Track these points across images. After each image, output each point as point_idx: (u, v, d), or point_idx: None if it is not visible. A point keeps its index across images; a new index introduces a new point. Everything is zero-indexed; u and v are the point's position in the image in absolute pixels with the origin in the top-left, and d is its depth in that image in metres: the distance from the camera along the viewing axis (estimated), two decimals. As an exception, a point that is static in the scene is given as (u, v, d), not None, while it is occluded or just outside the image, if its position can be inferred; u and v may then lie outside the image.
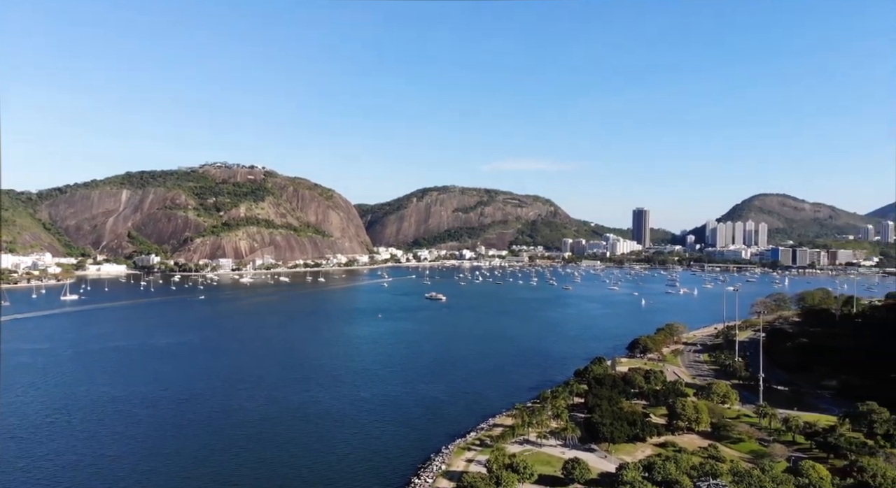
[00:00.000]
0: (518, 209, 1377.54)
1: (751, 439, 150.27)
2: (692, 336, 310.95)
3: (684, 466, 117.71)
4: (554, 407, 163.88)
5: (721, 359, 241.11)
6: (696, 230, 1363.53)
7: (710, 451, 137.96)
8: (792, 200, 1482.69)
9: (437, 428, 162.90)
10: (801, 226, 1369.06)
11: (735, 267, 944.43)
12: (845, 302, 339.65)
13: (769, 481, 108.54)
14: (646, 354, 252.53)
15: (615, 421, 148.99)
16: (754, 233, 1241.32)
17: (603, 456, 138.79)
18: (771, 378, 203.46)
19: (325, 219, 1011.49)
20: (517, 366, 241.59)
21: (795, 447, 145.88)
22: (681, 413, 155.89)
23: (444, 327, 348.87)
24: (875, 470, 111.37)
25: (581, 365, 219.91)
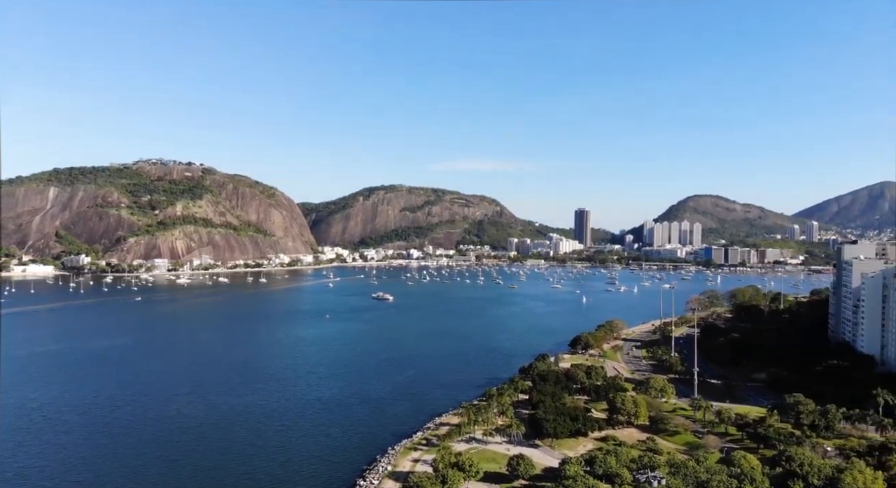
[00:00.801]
0: (465, 209, 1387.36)
1: (686, 431, 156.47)
2: (631, 332, 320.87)
3: (624, 459, 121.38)
4: (499, 405, 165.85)
5: (658, 354, 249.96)
6: (634, 230, 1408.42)
7: (648, 444, 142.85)
8: (724, 201, 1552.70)
9: (383, 428, 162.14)
10: (733, 226, 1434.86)
11: (671, 265, 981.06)
12: (773, 298, 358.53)
13: (703, 472, 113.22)
14: (587, 350, 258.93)
15: (558, 417, 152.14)
16: (689, 232, 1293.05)
17: (547, 452, 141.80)
18: (705, 372, 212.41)
19: (266, 217, 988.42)
20: (464, 365, 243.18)
21: (728, 438, 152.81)
22: (621, 407, 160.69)
23: (392, 327, 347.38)
24: (802, 459, 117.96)
25: (526, 362, 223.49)
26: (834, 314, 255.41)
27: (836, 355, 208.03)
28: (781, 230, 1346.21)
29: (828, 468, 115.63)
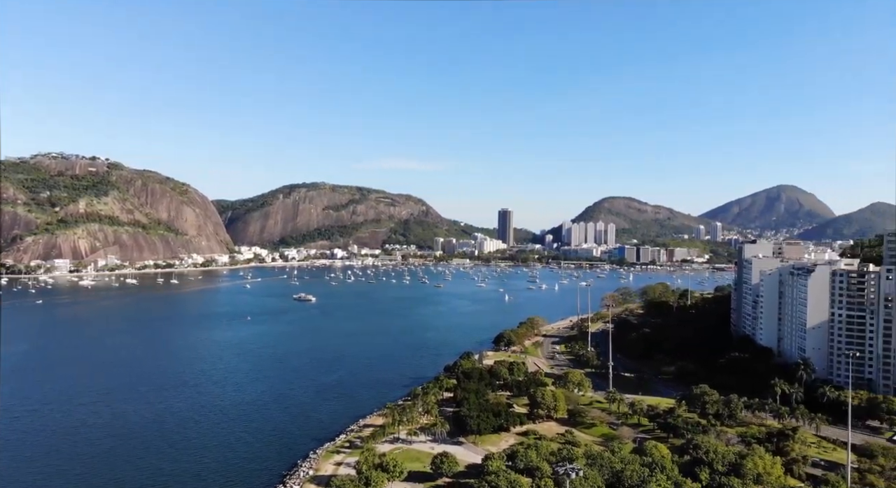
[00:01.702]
0: (391, 208, 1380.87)
1: (602, 423, 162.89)
2: (551, 328, 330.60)
3: (544, 453, 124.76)
4: (424, 404, 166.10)
5: (576, 349, 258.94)
6: (554, 230, 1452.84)
7: (567, 437, 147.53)
8: (636, 203, 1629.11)
9: (305, 433, 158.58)
10: (644, 227, 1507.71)
11: (588, 264, 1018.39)
12: (681, 295, 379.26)
13: (618, 462, 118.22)
14: (510, 347, 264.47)
15: (482, 414, 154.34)
16: (604, 232, 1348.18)
17: (471, 449, 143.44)
18: (619, 365, 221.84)
19: (178, 215, 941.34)
20: (390, 365, 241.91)
21: (641, 428, 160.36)
22: (541, 402, 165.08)
23: (315, 329, 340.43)
24: (707, 447, 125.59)
25: (451, 360, 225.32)
26: (736, 309, 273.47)
27: (738, 348, 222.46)
28: (688, 230, 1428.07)
29: (731, 455, 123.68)
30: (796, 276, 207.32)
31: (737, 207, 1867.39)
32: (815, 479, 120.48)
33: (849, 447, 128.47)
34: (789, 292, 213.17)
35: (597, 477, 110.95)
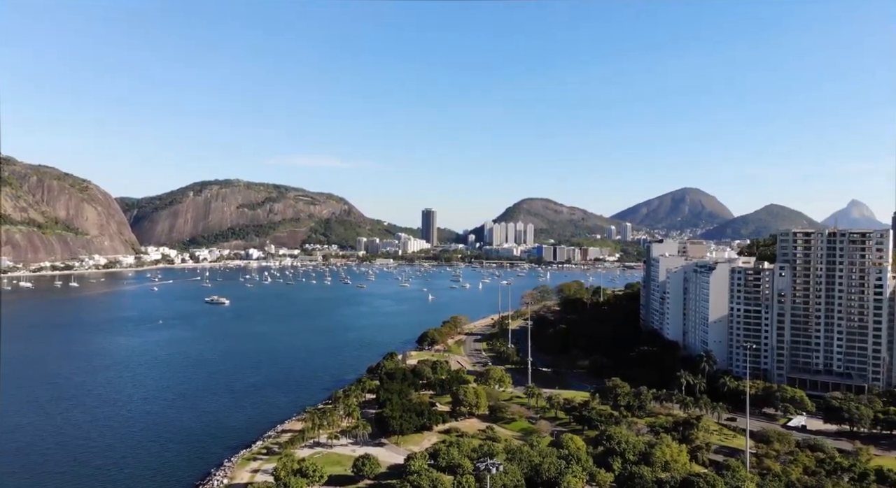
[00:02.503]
0: (311, 206, 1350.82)
1: (522, 418, 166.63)
2: (473, 326, 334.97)
3: (466, 450, 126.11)
4: (346, 406, 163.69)
5: (497, 346, 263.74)
6: (476, 230, 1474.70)
7: (487, 433, 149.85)
8: (553, 204, 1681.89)
9: (220, 440, 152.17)
10: (560, 227, 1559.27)
11: (508, 263, 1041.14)
12: (595, 292, 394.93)
13: (536, 455, 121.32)
14: (433, 346, 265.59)
15: (405, 414, 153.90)
16: (523, 232, 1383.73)
17: (393, 449, 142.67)
18: (538, 361, 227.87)
19: (78, 214, 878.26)
20: (310, 369, 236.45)
21: (558, 422, 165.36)
22: (463, 399, 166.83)
23: (229, 333, 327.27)
24: (619, 438, 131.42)
25: (374, 361, 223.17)
26: (644, 305, 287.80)
27: (647, 342, 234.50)
28: (601, 230, 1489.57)
29: (641, 444, 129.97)
30: (699, 274, 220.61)
31: (645, 209, 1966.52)
32: (717, 465, 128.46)
33: (747, 434, 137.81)
34: (693, 289, 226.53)
35: (516, 472, 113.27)
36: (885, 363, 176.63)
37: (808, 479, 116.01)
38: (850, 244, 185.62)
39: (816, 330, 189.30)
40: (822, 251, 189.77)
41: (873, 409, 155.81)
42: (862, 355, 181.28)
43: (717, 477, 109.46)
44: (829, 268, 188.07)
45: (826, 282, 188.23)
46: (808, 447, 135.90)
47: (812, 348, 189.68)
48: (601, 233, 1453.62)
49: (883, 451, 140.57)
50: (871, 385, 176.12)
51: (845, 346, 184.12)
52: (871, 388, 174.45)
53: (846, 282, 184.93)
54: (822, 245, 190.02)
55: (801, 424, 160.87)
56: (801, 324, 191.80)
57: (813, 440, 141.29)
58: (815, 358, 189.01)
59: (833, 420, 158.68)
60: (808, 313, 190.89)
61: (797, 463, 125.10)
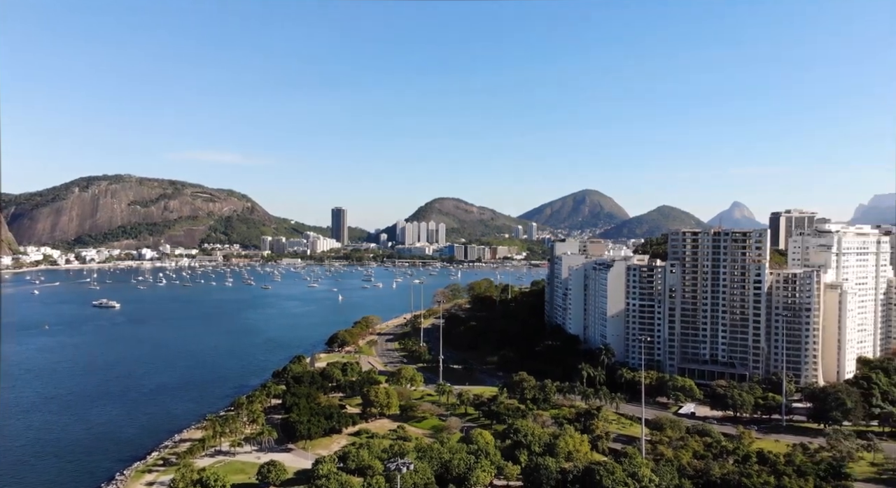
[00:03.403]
0: (210, 204, 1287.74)
1: (433, 416, 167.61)
2: (385, 326, 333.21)
3: (376, 450, 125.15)
4: (250, 413, 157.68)
5: (409, 345, 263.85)
6: (388, 229, 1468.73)
7: (398, 433, 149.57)
8: (464, 204, 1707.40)
9: (111, 453, 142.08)
10: (471, 227, 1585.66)
11: (421, 262, 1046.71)
12: (503, 289, 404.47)
13: (447, 452, 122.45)
14: (343, 347, 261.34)
15: (313, 418, 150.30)
16: (435, 231, 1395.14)
17: (300, 454, 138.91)
18: (449, 358, 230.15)
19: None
20: (212, 375, 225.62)
21: (468, 418, 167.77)
22: (374, 400, 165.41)
23: (120, 338, 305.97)
24: (526, 430, 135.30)
25: (281, 365, 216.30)
26: (549, 301, 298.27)
27: (552, 336, 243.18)
28: (509, 230, 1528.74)
29: (546, 436, 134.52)
30: (598, 271, 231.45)
31: (549, 209, 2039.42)
32: (616, 453, 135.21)
33: (643, 422, 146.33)
34: (593, 285, 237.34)
35: (427, 469, 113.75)
36: (764, 353, 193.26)
37: (697, 463, 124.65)
38: (733, 243, 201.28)
39: (703, 323, 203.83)
40: (708, 249, 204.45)
41: (754, 396, 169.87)
42: (743, 346, 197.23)
43: (615, 465, 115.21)
44: (715, 265, 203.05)
45: (711, 279, 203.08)
46: (697, 432, 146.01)
47: (700, 340, 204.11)
48: (509, 232, 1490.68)
49: (763, 434, 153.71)
50: (751, 373, 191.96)
51: (729, 338, 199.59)
52: (751, 376, 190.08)
53: (729, 278, 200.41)
54: (708, 244, 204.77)
55: (691, 411, 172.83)
56: (689, 318, 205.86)
57: (701, 426, 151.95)
58: (703, 349, 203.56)
59: (719, 406, 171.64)
60: (695, 307, 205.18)
61: (687, 448, 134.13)
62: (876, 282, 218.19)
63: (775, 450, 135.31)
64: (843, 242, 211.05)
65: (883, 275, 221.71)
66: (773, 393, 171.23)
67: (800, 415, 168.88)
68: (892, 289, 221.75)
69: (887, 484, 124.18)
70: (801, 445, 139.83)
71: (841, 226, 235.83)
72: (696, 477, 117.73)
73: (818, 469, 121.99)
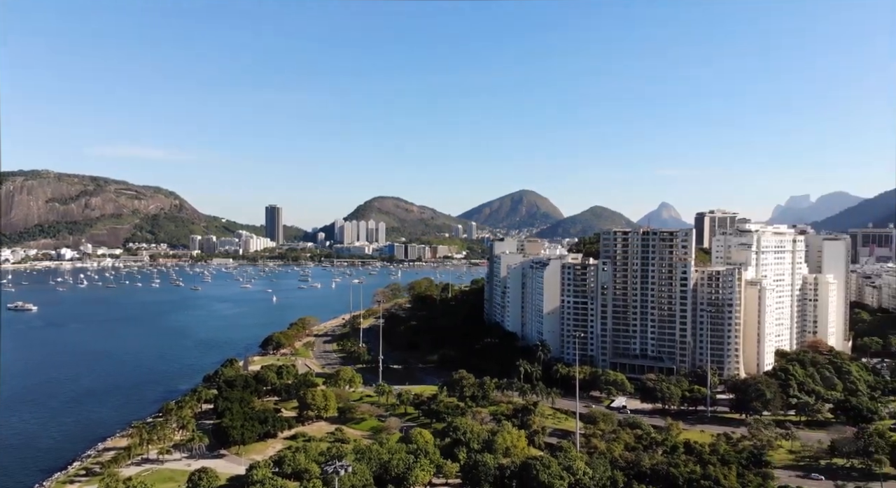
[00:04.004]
0: (136, 201, 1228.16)
1: (371, 417, 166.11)
2: (323, 327, 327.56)
3: (313, 454, 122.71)
4: (179, 419, 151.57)
5: (348, 346, 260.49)
6: (326, 228, 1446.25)
7: (336, 435, 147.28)
8: (404, 203, 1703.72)
9: (29, 464, 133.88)
10: (411, 226, 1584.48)
11: (360, 261, 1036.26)
12: (444, 288, 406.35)
13: (386, 453, 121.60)
14: (279, 350, 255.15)
15: (246, 423, 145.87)
16: (375, 231, 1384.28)
17: (234, 460, 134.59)
18: (389, 358, 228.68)
19: None
20: (138, 380, 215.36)
21: (407, 417, 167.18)
22: (311, 403, 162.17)
23: (37, 343, 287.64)
24: (465, 428, 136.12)
25: (212, 369, 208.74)
26: (488, 299, 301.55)
27: (491, 334, 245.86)
28: (449, 229, 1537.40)
29: (484, 433, 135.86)
30: (535, 270, 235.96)
31: (488, 209, 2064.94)
32: (552, 447, 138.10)
33: (577, 416, 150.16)
34: (530, 283, 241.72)
35: (365, 471, 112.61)
36: (690, 347, 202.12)
37: (629, 455, 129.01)
38: (661, 242, 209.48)
39: (634, 319, 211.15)
40: (637, 248, 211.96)
41: (681, 388, 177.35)
42: (671, 340, 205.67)
43: (551, 459, 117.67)
44: (644, 263, 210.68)
45: (641, 276, 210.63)
46: (629, 425, 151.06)
47: (630, 335, 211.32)
48: (449, 231, 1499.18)
49: (689, 425, 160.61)
50: (679, 367, 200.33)
51: (657, 333, 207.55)
52: (678, 370, 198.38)
53: (657, 276, 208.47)
54: (638, 243, 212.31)
55: (622, 405, 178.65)
56: (620, 314, 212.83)
57: (632, 419, 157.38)
58: (633, 344, 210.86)
59: (649, 399, 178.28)
60: (626, 304, 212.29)
61: (619, 441, 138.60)
62: (792, 279, 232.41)
63: (701, 440, 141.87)
64: (762, 241, 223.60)
65: (798, 271, 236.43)
66: (698, 386, 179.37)
67: (723, 406, 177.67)
68: (808, 285, 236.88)
69: (804, 470, 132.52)
70: (724, 435, 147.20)
71: (760, 226, 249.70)
72: (628, 469, 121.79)
73: (740, 457, 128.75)
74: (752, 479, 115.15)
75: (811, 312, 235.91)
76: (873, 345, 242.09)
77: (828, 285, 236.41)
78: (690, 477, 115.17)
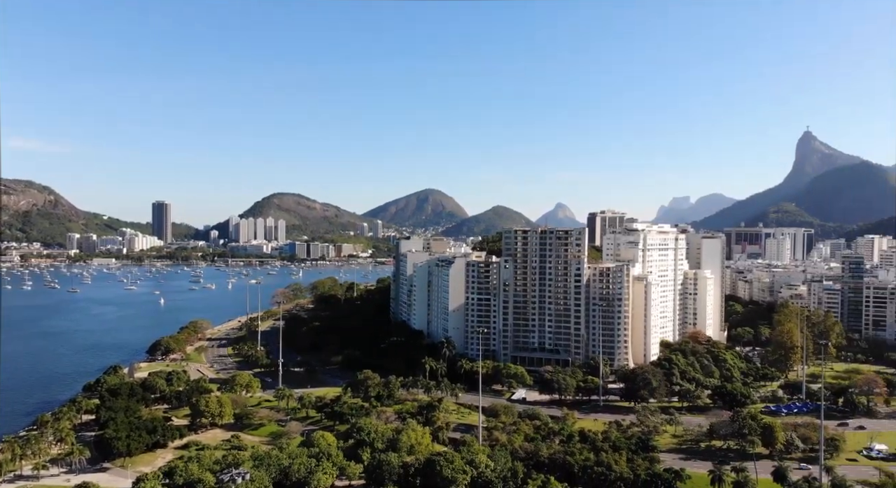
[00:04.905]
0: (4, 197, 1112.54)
1: (271, 422, 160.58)
2: (217, 331, 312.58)
3: (207, 462, 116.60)
4: (57, 431, 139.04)
5: (244, 350, 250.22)
6: (219, 225, 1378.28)
7: (233, 442, 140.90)
8: (306, 200, 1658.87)
9: None
10: (314, 224, 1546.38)
11: (258, 261, 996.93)
12: (348, 288, 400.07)
13: (286, 458, 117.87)
14: (168, 355, 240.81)
15: (132, 433, 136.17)
16: (274, 229, 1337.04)
17: (118, 474, 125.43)
18: (289, 361, 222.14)
19: None
20: (8, 392, 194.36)
21: (309, 421, 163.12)
22: (204, 410, 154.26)
23: None
24: (369, 428, 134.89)
25: (93, 377, 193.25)
26: (394, 298, 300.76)
27: (397, 333, 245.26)
28: (354, 227, 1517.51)
29: (389, 431, 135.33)
30: (441, 267, 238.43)
31: (394, 207, 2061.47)
32: (455, 442, 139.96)
33: (480, 410, 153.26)
34: (436, 281, 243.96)
35: (264, 478, 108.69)
36: (584, 339, 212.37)
37: (528, 445, 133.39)
38: (557, 240, 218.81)
39: (533, 314, 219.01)
40: (536, 246, 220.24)
41: (576, 379, 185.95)
42: (566, 334, 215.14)
43: (455, 454, 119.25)
44: (542, 260, 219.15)
45: (539, 273, 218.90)
46: (528, 416, 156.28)
47: (530, 329, 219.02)
48: (354, 230, 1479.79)
49: (584, 414, 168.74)
50: (573, 358, 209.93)
51: (554, 327, 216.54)
52: (573, 361, 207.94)
53: (554, 273, 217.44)
54: (536, 241, 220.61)
55: (522, 397, 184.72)
56: (521, 309, 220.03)
57: (531, 410, 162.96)
58: (532, 338, 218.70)
59: (546, 391, 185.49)
60: (525, 299, 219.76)
61: (519, 432, 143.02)
62: (675, 275, 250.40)
63: (594, 429, 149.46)
64: (648, 240, 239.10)
65: (680, 267, 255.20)
66: (592, 376, 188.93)
67: (614, 395, 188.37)
68: (688, 280, 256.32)
69: (686, 453, 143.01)
70: (615, 422, 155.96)
71: (646, 226, 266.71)
72: (527, 459, 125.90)
73: (630, 443, 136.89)
74: (640, 464, 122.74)
75: (691, 305, 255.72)
76: (745, 335, 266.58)
77: (706, 280, 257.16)
78: (585, 464, 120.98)
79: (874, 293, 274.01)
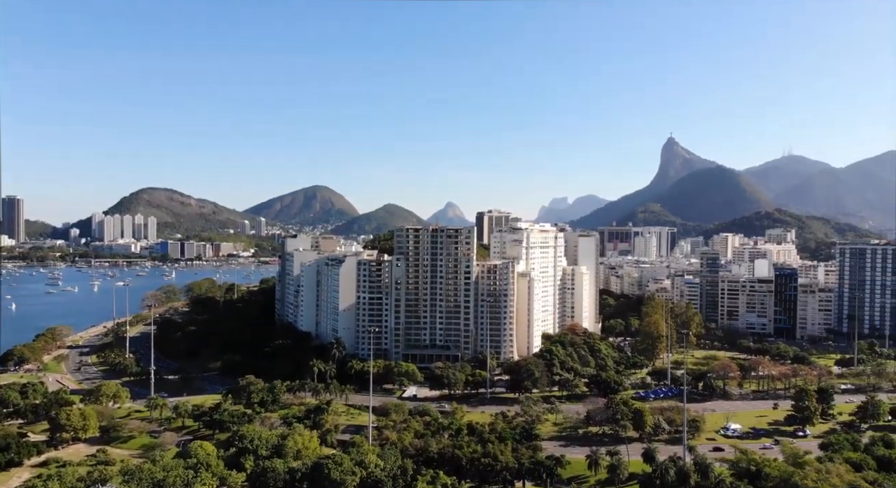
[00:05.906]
0: None
1: (142, 434, 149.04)
2: (79, 338, 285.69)
3: (70, 480, 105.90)
4: None
5: (111, 358, 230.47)
6: (81, 223, 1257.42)
7: (98, 457, 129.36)
8: (179, 196, 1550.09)
9: None
10: (189, 221, 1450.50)
11: (125, 261, 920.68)
12: (228, 289, 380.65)
13: (160, 471, 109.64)
14: (22, 366, 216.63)
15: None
16: (144, 226, 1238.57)
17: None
18: (162, 369, 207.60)
19: None
20: None
21: (185, 431, 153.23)
22: (65, 423, 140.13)
23: None
24: (252, 435, 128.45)
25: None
26: (280, 299, 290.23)
27: (282, 335, 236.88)
28: (234, 225, 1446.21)
29: (274, 437, 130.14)
30: (331, 267, 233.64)
31: (279, 204, 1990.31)
32: (344, 444, 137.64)
33: (370, 410, 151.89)
34: (325, 281, 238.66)
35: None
36: (473, 335, 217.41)
37: (418, 442, 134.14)
38: (447, 238, 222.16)
39: (424, 311, 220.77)
40: (427, 245, 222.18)
41: (465, 374, 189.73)
42: (457, 330, 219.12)
43: (343, 456, 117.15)
44: (433, 258, 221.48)
45: (431, 271, 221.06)
46: (418, 413, 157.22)
47: (421, 327, 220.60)
48: (234, 227, 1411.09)
49: (472, 407, 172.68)
50: (463, 354, 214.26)
51: (445, 323, 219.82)
52: (463, 356, 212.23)
53: (445, 270, 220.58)
54: (428, 240, 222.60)
55: (413, 394, 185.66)
56: (413, 307, 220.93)
57: (422, 406, 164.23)
58: (424, 335, 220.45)
59: (437, 386, 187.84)
60: (417, 297, 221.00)
61: (409, 430, 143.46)
62: (554, 271, 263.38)
63: (482, 421, 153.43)
64: (531, 238, 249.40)
65: (560, 264, 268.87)
66: (480, 370, 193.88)
67: (501, 387, 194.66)
68: (567, 276, 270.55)
69: (566, 439, 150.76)
70: (501, 414, 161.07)
71: (529, 225, 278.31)
72: (417, 455, 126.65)
73: (515, 433, 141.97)
74: (524, 452, 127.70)
75: (570, 299, 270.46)
76: (618, 326, 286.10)
77: (582, 276, 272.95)
78: (473, 456, 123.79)
79: (728, 286, 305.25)
